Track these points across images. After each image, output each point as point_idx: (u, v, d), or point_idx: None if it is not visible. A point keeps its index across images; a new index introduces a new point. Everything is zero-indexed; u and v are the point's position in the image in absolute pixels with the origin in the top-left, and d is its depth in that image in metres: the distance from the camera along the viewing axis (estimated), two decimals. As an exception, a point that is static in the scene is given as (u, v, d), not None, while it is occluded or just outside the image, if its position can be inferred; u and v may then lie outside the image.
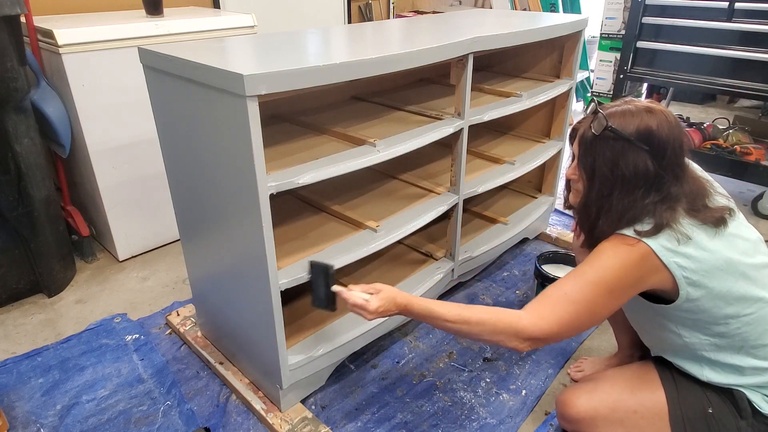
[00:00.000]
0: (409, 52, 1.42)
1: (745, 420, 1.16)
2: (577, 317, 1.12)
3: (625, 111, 1.13)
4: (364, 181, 1.97)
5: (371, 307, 1.21)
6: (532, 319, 1.14)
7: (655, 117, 1.10)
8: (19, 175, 1.90)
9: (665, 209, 1.10)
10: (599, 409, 1.28)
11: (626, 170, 1.11)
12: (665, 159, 1.09)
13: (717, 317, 1.13)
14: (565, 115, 2.31)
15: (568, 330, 1.14)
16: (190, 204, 1.52)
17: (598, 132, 1.13)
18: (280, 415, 1.50)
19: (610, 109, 1.15)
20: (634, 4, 2.90)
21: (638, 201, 1.11)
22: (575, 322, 1.13)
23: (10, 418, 1.55)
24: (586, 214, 1.21)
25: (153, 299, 2.11)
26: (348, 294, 1.25)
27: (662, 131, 1.09)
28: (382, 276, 1.87)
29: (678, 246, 1.08)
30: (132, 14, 2.39)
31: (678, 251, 1.08)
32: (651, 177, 1.10)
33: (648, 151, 1.09)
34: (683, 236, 1.08)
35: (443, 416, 1.56)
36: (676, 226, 1.09)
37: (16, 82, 1.82)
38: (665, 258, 1.08)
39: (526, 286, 2.17)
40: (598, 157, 1.15)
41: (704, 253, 1.09)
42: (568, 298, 1.13)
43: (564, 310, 1.13)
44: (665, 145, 1.09)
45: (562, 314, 1.13)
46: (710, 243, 1.10)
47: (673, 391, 1.23)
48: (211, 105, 1.22)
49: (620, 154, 1.11)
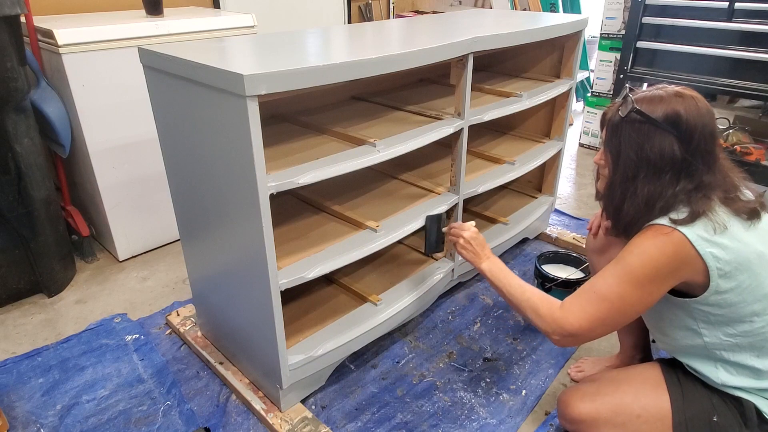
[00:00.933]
0: (409, 52, 1.42)
1: (750, 429, 1.14)
2: (608, 314, 1.12)
3: (654, 96, 1.11)
4: (364, 181, 1.97)
5: (467, 235, 1.48)
6: (564, 314, 1.16)
7: (684, 102, 1.08)
8: (19, 175, 1.90)
9: (700, 197, 1.08)
10: (601, 412, 1.26)
11: (651, 153, 1.09)
12: (693, 144, 1.07)
13: (743, 314, 1.11)
14: (565, 115, 2.31)
15: (600, 327, 1.14)
16: (190, 204, 1.52)
17: (624, 114, 1.12)
18: (280, 415, 1.50)
19: (639, 94, 1.14)
20: (634, 4, 2.90)
21: (666, 187, 1.09)
22: (607, 320, 1.13)
23: (10, 418, 1.55)
24: (610, 198, 1.19)
25: (153, 299, 2.11)
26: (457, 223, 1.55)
27: (690, 116, 1.07)
28: (382, 276, 1.88)
29: (714, 235, 1.06)
30: (132, 14, 2.39)
31: (714, 241, 1.06)
32: (678, 162, 1.08)
33: (675, 135, 1.07)
34: (720, 225, 1.06)
35: (443, 416, 1.56)
36: (713, 214, 1.06)
37: (16, 82, 1.82)
38: (700, 248, 1.05)
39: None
40: (623, 140, 1.14)
41: (739, 244, 1.06)
42: (598, 295, 1.13)
43: (594, 307, 1.13)
44: (693, 130, 1.07)
45: (593, 311, 1.13)
46: (745, 234, 1.08)
47: (679, 397, 1.20)
48: (211, 105, 1.22)
49: (646, 136, 1.10)
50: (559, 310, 1.18)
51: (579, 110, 4.45)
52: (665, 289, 1.12)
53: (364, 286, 1.81)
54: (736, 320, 1.12)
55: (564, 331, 1.16)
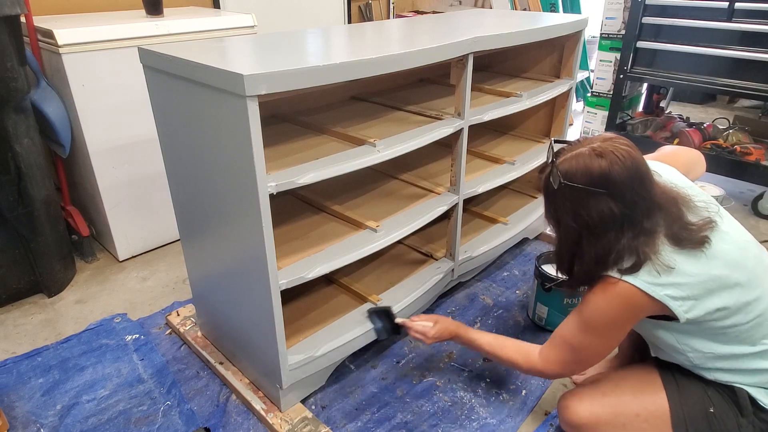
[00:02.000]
0: (409, 52, 1.42)
1: (746, 417, 1.17)
2: (579, 358, 1.24)
3: (578, 160, 1.10)
4: (364, 181, 1.97)
5: (430, 334, 1.46)
6: (543, 363, 1.30)
7: (606, 158, 1.07)
8: (19, 175, 1.90)
9: (641, 244, 1.09)
10: (601, 414, 1.28)
11: (589, 218, 1.10)
12: (627, 198, 1.08)
13: (717, 328, 1.14)
14: (565, 115, 2.31)
15: (578, 367, 1.28)
16: (190, 204, 1.52)
17: (556, 186, 1.13)
18: (280, 415, 1.50)
19: (564, 158, 1.14)
20: (634, 4, 2.90)
21: (612, 243, 1.10)
22: (581, 362, 1.25)
23: (10, 418, 1.55)
24: (560, 262, 1.24)
25: (153, 299, 2.11)
26: (411, 324, 1.50)
27: (616, 172, 1.06)
28: (382, 276, 1.87)
29: (660, 278, 1.08)
30: (132, 14, 2.39)
31: (663, 283, 1.08)
32: (618, 219, 1.09)
33: (607, 195, 1.08)
34: (663, 267, 1.08)
35: (443, 416, 1.56)
36: (656, 257, 1.08)
37: (16, 82, 1.82)
38: (653, 293, 1.08)
39: (526, 286, 2.17)
40: (560, 209, 1.16)
41: (691, 278, 1.09)
42: (567, 343, 1.24)
43: (566, 354, 1.24)
44: (623, 185, 1.07)
45: (566, 357, 1.25)
46: (695, 267, 1.09)
47: (675, 393, 1.23)
48: (211, 105, 1.22)
49: (579, 203, 1.11)
50: (537, 359, 1.31)
51: (579, 110, 4.45)
52: (629, 328, 1.19)
53: (364, 286, 1.81)
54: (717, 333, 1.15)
55: (546, 375, 1.33)
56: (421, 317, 1.52)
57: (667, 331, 1.19)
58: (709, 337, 1.16)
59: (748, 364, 1.16)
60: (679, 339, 1.18)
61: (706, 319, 1.12)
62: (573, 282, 1.22)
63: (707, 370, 1.21)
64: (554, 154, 1.17)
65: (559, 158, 1.14)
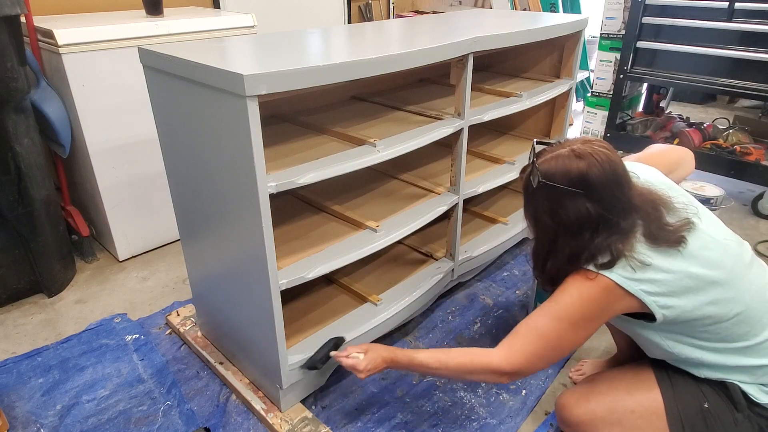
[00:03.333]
0: (409, 52, 1.42)
1: (741, 412, 1.18)
2: (545, 351, 1.19)
3: (557, 161, 1.13)
4: (364, 181, 1.97)
5: (361, 366, 1.32)
6: (504, 355, 1.20)
7: (585, 160, 1.09)
8: (19, 175, 1.90)
9: (616, 241, 1.10)
10: (597, 412, 1.29)
11: (566, 217, 1.13)
12: (604, 199, 1.10)
13: (697, 327, 1.15)
14: (565, 115, 2.31)
15: (540, 362, 1.21)
16: (190, 204, 1.52)
17: (534, 184, 1.15)
18: (280, 415, 1.50)
19: (544, 158, 1.16)
20: (634, 4, 2.90)
21: (587, 242, 1.12)
22: (545, 355, 1.19)
23: (10, 418, 1.55)
24: (536, 259, 1.26)
25: (153, 299, 2.11)
26: (341, 356, 1.36)
27: (593, 174, 1.08)
28: (382, 276, 1.87)
29: (635, 273, 1.09)
30: (132, 14, 2.39)
31: (640, 278, 1.09)
32: (594, 219, 1.11)
33: (584, 195, 1.10)
34: (638, 263, 1.09)
35: (443, 416, 1.56)
36: (631, 254, 1.10)
37: (16, 82, 1.82)
38: (629, 287, 1.09)
39: (526, 286, 2.17)
40: (538, 207, 1.19)
41: (666, 275, 1.10)
42: (536, 333, 1.19)
43: (533, 345, 1.19)
44: (600, 187, 1.09)
45: (532, 349, 1.19)
46: (671, 264, 1.10)
47: (669, 390, 1.24)
48: (211, 105, 1.22)
49: (557, 202, 1.13)
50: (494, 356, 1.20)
51: (579, 110, 4.45)
52: (600, 324, 1.18)
53: (364, 286, 1.81)
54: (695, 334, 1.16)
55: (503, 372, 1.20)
56: (352, 347, 1.37)
57: (652, 332, 1.20)
58: (692, 335, 1.17)
59: (734, 361, 1.17)
60: (664, 339, 1.20)
61: (685, 318, 1.13)
62: (544, 279, 1.24)
63: (696, 368, 1.22)
64: (535, 154, 1.19)
65: (540, 159, 1.17)
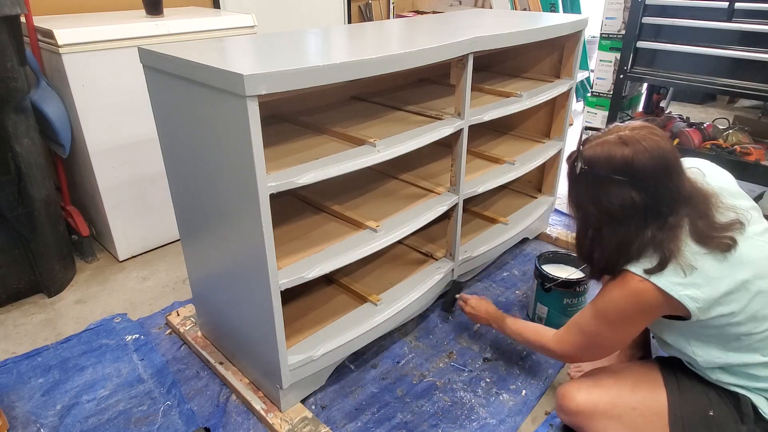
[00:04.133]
0: (409, 52, 1.42)
1: (747, 426, 1.15)
2: (591, 345, 1.27)
3: (603, 146, 1.10)
4: (364, 181, 1.97)
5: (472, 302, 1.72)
6: (556, 341, 1.35)
7: (631, 147, 1.06)
8: (19, 175, 1.90)
9: (667, 239, 1.07)
10: (598, 404, 1.29)
11: (610, 206, 1.10)
12: (650, 188, 1.07)
13: (733, 334, 1.12)
14: (565, 115, 2.31)
15: (588, 354, 1.31)
16: (190, 204, 1.52)
17: (578, 171, 1.13)
18: (280, 415, 1.50)
19: (590, 144, 1.14)
20: (634, 4, 2.90)
21: (635, 234, 1.09)
22: (592, 349, 1.28)
23: (10, 418, 1.55)
24: (580, 248, 1.23)
25: (153, 299, 2.11)
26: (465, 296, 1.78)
27: (639, 161, 1.05)
28: (382, 276, 1.87)
29: (685, 278, 1.06)
30: (132, 14, 2.39)
31: (686, 283, 1.06)
32: (640, 209, 1.08)
33: (629, 183, 1.07)
34: (688, 267, 1.06)
35: (443, 416, 1.56)
36: (680, 256, 1.06)
37: (16, 82, 1.82)
38: (675, 293, 1.07)
39: (526, 286, 2.17)
40: (582, 194, 1.16)
41: (712, 280, 1.07)
42: (580, 328, 1.26)
43: (577, 338, 1.28)
44: (645, 175, 1.06)
45: (577, 341, 1.29)
46: (718, 270, 1.07)
47: (675, 392, 1.23)
48: (211, 105, 1.22)
49: (602, 190, 1.11)
50: (550, 338, 1.37)
51: (579, 110, 4.45)
52: (641, 328, 1.19)
53: (364, 286, 1.81)
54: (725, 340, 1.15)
55: (555, 354, 1.37)
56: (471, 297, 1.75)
57: (678, 331, 1.18)
58: (721, 342, 1.14)
59: (757, 371, 1.15)
60: (690, 340, 1.18)
61: (719, 322, 1.10)
62: (593, 269, 1.21)
63: (711, 371, 1.20)
64: (583, 140, 1.17)
65: (586, 145, 1.15)
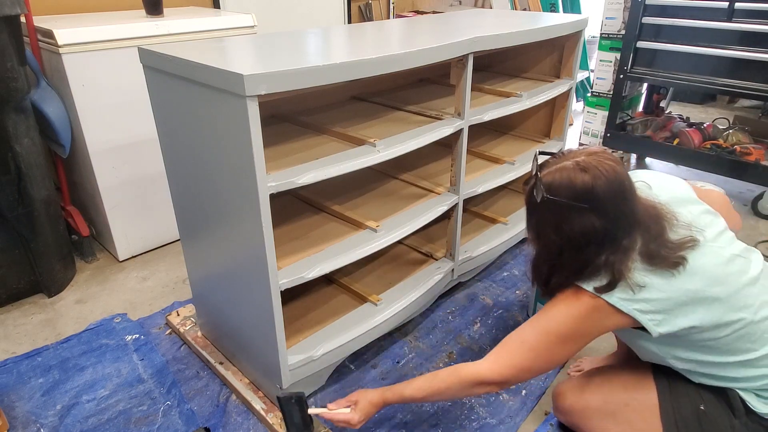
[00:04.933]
0: (409, 52, 1.42)
1: (739, 419, 1.17)
2: (534, 363, 1.19)
3: (562, 174, 1.10)
4: (364, 181, 1.97)
5: (354, 420, 1.28)
6: (491, 365, 1.21)
7: (589, 173, 1.07)
8: (19, 175, 1.90)
9: (617, 261, 1.09)
10: (591, 402, 1.31)
11: (572, 232, 1.10)
12: (609, 214, 1.08)
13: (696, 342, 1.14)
14: (565, 115, 2.31)
15: (526, 374, 1.21)
16: (190, 204, 1.52)
17: (538, 199, 1.13)
18: (280, 415, 1.50)
19: (547, 171, 1.14)
20: (634, 4, 2.90)
21: (592, 257, 1.10)
22: (533, 367, 1.20)
23: (10, 418, 1.55)
24: (537, 273, 1.23)
25: (153, 299, 2.11)
26: (330, 414, 1.31)
27: (600, 187, 1.06)
28: (382, 276, 1.87)
29: (634, 295, 1.08)
30: (132, 14, 2.39)
31: (635, 299, 1.08)
32: (600, 234, 1.09)
33: (590, 210, 1.08)
34: (636, 286, 1.08)
35: (443, 416, 1.56)
36: (630, 276, 1.08)
37: (16, 82, 1.82)
38: (623, 307, 1.09)
39: (526, 286, 2.17)
40: (541, 221, 1.16)
41: (662, 293, 1.08)
42: (525, 345, 1.19)
43: (521, 356, 1.19)
44: (606, 200, 1.07)
45: (520, 360, 1.19)
46: (668, 284, 1.09)
47: (666, 389, 1.24)
48: (211, 105, 1.22)
49: (562, 216, 1.11)
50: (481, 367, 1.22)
51: (579, 110, 4.45)
52: (590, 340, 1.17)
53: (364, 286, 1.81)
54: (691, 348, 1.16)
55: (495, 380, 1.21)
56: (338, 403, 1.33)
57: (649, 342, 1.19)
58: (691, 348, 1.16)
59: (732, 372, 1.16)
60: (661, 349, 1.19)
61: (681, 334, 1.11)
62: (546, 291, 1.22)
63: (693, 375, 1.22)
64: (538, 166, 1.17)
65: (543, 171, 1.14)
